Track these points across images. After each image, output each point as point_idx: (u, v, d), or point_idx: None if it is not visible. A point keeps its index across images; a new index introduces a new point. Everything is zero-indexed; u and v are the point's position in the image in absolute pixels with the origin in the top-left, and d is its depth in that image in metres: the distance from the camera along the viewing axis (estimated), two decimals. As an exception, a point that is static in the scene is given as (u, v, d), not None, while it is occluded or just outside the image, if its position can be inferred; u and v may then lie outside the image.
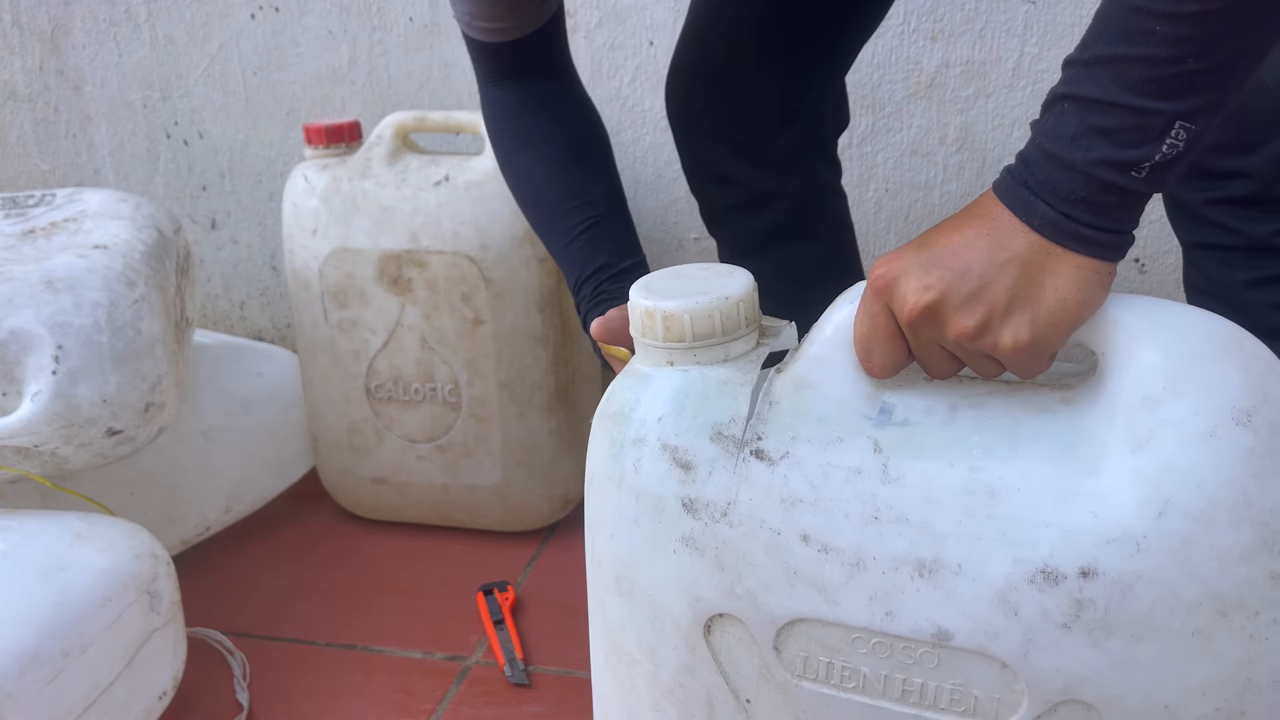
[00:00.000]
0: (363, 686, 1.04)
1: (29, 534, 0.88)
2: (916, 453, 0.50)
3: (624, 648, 0.59)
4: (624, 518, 0.57)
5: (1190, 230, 0.79)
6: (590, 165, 0.86)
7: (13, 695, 0.77)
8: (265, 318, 1.57)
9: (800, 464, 0.51)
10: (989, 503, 0.47)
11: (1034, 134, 0.50)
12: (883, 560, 0.49)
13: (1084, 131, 0.47)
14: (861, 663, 0.51)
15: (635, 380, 0.58)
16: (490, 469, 1.23)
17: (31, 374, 0.92)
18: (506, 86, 0.86)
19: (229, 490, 1.24)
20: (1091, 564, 0.45)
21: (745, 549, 0.52)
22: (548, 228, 0.85)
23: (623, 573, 0.58)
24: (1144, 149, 0.46)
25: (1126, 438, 0.46)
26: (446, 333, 1.19)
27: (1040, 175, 0.48)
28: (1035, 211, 0.48)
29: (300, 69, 1.42)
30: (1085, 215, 0.48)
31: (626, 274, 0.80)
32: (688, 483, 0.54)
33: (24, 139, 1.56)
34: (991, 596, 0.47)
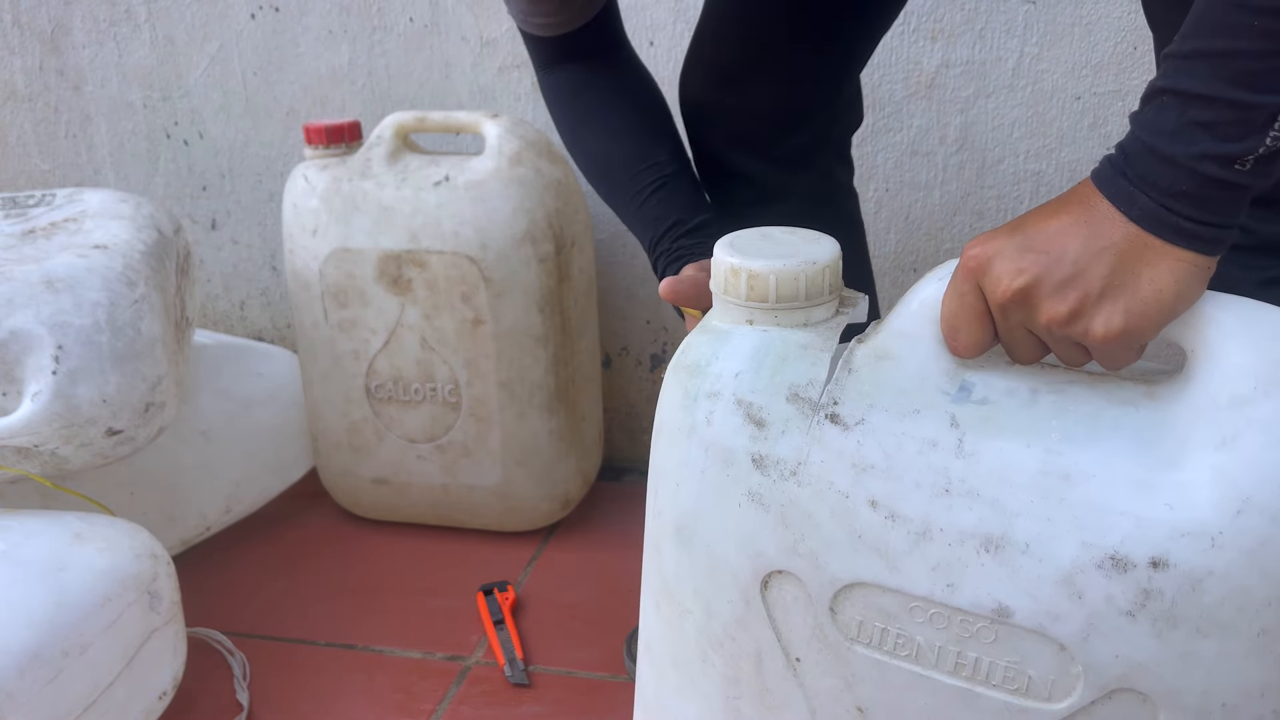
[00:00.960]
0: (363, 686, 1.04)
1: (29, 534, 0.88)
2: (994, 431, 0.50)
3: (678, 596, 0.60)
4: (691, 468, 0.57)
5: None
6: (653, 129, 0.87)
7: (13, 695, 0.77)
8: (265, 318, 1.57)
9: (875, 431, 0.52)
10: (1063, 485, 0.48)
11: (1133, 126, 0.49)
12: (950, 532, 0.50)
13: (1185, 126, 0.47)
14: (917, 632, 0.52)
15: (713, 336, 0.58)
16: (490, 469, 1.23)
17: (31, 374, 0.92)
18: (563, 70, 0.88)
19: (229, 490, 1.24)
20: (1163, 555, 0.45)
21: (811, 509, 0.53)
22: (618, 195, 0.86)
23: (684, 523, 0.58)
24: (1246, 143, 0.46)
25: (1211, 434, 0.46)
26: (446, 333, 1.19)
27: (1140, 169, 0.48)
28: (1135, 203, 0.48)
29: (300, 69, 1.42)
30: (1187, 209, 0.47)
31: (700, 230, 0.80)
32: (760, 439, 0.54)
33: (24, 139, 1.56)
34: (1057, 578, 0.47)
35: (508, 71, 1.34)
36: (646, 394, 1.44)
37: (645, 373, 1.43)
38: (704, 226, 0.81)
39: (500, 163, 1.15)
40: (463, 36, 1.34)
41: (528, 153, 1.16)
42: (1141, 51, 1.16)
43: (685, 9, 1.26)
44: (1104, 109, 1.18)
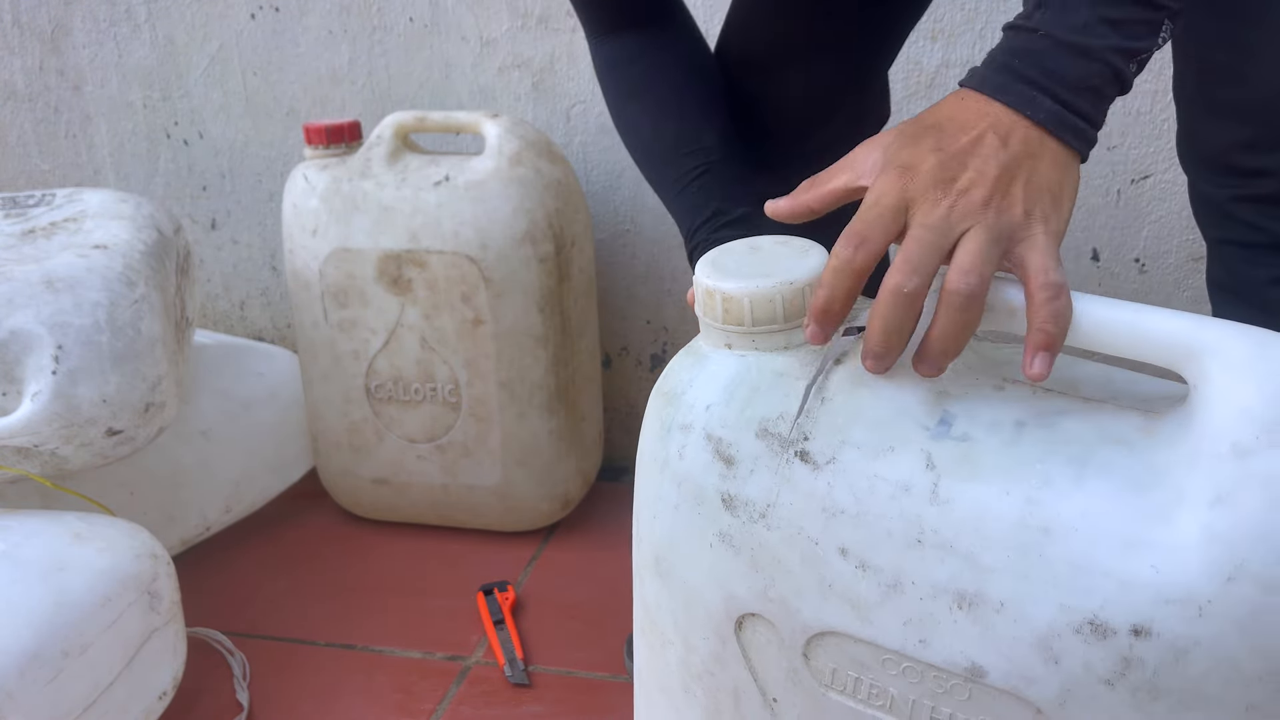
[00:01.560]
0: (363, 686, 1.04)
1: (29, 534, 0.88)
2: (971, 473, 0.47)
3: (659, 626, 0.58)
4: (665, 502, 0.55)
5: (1216, 226, 0.79)
6: (702, 109, 0.84)
7: (13, 695, 0.77)
8: (265, 318, 1.57)
9: (846, 472, 0.49)
10: (1042, 540, 0.44)
11: (1029, 27, 0.51)
12: (922, 586, 0.47)
13: (1096, 21, 0.50)
14: (891, 684, 0.49)
15: (692, 360, 0.56)
16: (490, 469, 1.23)
17: (31, 374, 0.92)
18: (614, 39, 0.85)
19: (229, 490, 1.24)
20: (1146, 622, 0.42)
21: (781, 554, 0.50)
22: (659, 177, 0.83)
23: (661, 555, 0.56)
24: (1144, 41, 0.50)
25: (1206, 488, 0.42)
26: (446, 333, 1.19)
27: (1047, 64, 0.50)
28: (1040, 105, 0.50)
29: (300, 69, 1.42)
30: (1086, 106, 0.50)
31: (742, 221, 0.77)
32: (729, 478, 0.52)
33: (24, 139, 1.56)
34: (1032, 640, 0.44)
35: (508, 71, 1.34)
36: (646, 394, 1.43)
37: (645, 373, 1.43)
38: (747, 219, 0.78)
39: (500, 163, 1.15)
40: (463, 36, 1.34)
41: (528, 153, 1.16)
42: (1141, 51, 1.16)
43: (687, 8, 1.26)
44: (1104, 109, 1.18)
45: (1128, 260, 1.22)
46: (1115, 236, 1.22)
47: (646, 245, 1.37)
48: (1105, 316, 0.46)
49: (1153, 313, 0.45)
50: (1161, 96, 1.16)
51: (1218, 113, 0.73)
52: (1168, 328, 0.45)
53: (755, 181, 0.95)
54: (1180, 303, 1.22)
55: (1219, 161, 0.74)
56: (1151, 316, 0.45)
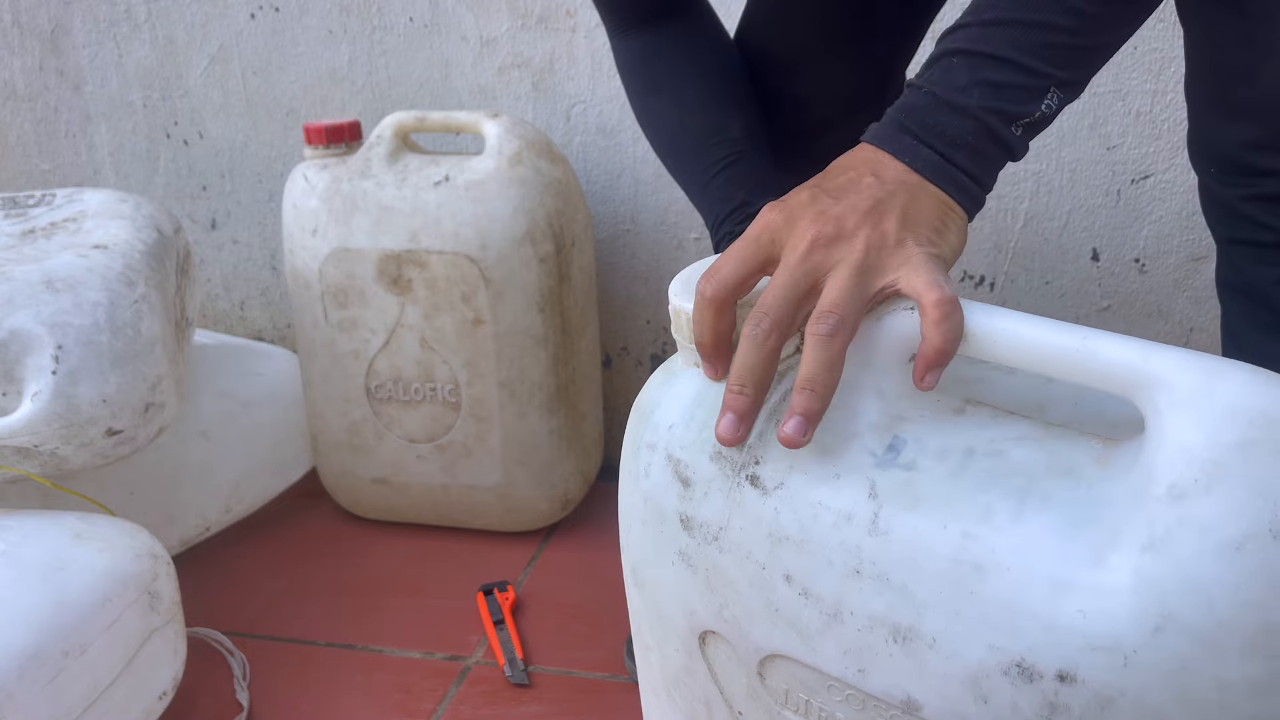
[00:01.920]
0: (363, 686, 1.04)
1: (29, 534, 0.88)
2: (912, 504, 0.46)
3: (642, 634, 0.59)
4: (635, 517, 0.56)
5: (1226, 225, 0.78)
6: (727, 101, 0.83)
7: (12, 695, 0.77)
8: (265, 318, 1.57)
9: (792, 498, 0.49)
10: (974, 578, 0.44)
11: (920, 84, 0.54)
12: (859, 616, 0.47)
13: (976, 83, 0.52)
14: (838, 709, 0.49)
15: (665, 379, 0.56)
16: (490, 469, 1.23)
17: (31, 374, 0.92)
18: (636, 34, 0.84)
19: (229, 490, 1.24)
20: (1071, 669, 0.41)
21: (733, 576, 0.51)
22: (685, 171, 0.83)
23: (635, 566, 0.57)
24: (1026, 106, 0.52)
25: (1141, 530, 0.41)
26: (446, 333, 1.19)
27: (927, 119, 0.53)
28: (919, 155, 0.52)
29: (300, 69, 1.42)
30: (964, 160, 0.52)
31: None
32: (686, 499, 0.52)
33: (24, 139, 1.56)
34: (964, 678, 0.44)
35: (508, 71, 1.34)
36: (646, 394, 1.44)
37: (645, 373, 1.43)
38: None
39: (500, 162, 1.15)
40: (463, 36, 1.34)
41: (528, 152, 1.16)
42: (1141, 51, 1.16)
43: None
44: (1104, 109, 1.18)
45: (1127, 260, 1.22)
46: (1115, 236, 1.22)
47: (646, 245, 1.37)
48: (1055, 342, 0.45)
49: (1103, 338, 0.44)
50: (1161, 96, 1.16)
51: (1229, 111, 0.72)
52: (1118, 356, 0.43)
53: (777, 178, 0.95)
54: (1180, 303, 1.22)
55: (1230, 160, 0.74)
56: (1101, 342, 0.44)
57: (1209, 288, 1.21)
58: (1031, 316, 0.46)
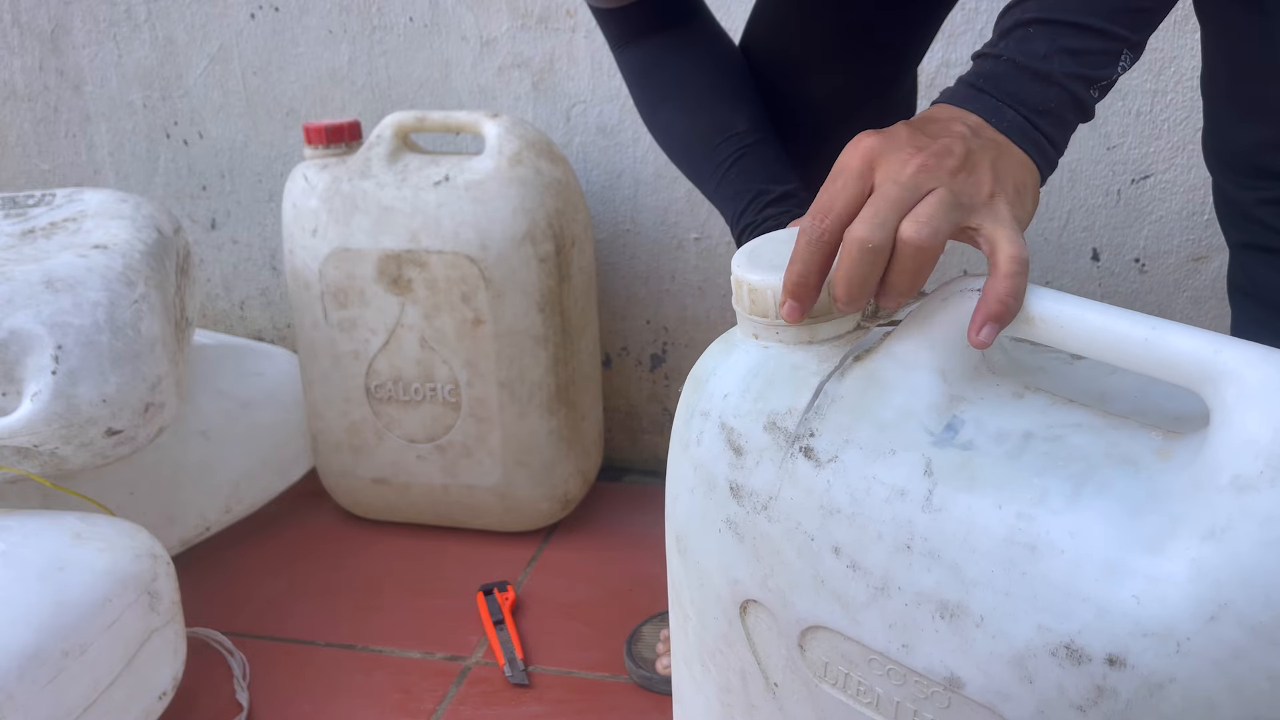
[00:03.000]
0: (363, 686, 1.04)
1: (29, 534, 0.88)
2: (968, 483, 0.46)
3: (681, 602, 0.59)
4: (684, 484, 0.56)
5: (1240, 229, 0.78)
6: (731, 98, 0.84)
7: (12, 695, 0.77)
8: (265, 318, 1.57)
9: (846, 471, 0.49)
10: (1028, 558, 0.43)
11: (994, 54, 0.55)
12: (907, 592, 0.46)
13: (1056, 51, 0.54)
14: (877, 684, 0.49)
15: (721, 348, 0.57)
16: (490, 469, 1.23)
17: (31, 374, 0.92)
18: (636, 46, 0.85)
19: (229, 490, 1.24)
20: (1122, 653, 0.41)
21: (780, 546, 0.51)
22: (699, 174, 0.83)
23: (680, 534, 0.57)
24: (1104, 69, 0.54)
25: (1202, 519, 0.40)
26: (446, 333, 1.19)
27: (1009, 86, 0.54)
28: (1004, 116, 0.53)
29: (300, 69, 1.42)
30: (1047, 126, 0.54)
31: (786, 199, 0.78)
32: (737, 467, 0.52)
33: (24, 139, 1.56)
34: (1009, 657, 0.44)
35: (508, 71, 1.34)
36: (646, 394, 1.44)
37: (645, 373, 1.43)
38: (790, 196, 0.78)
39: (500, 162, 1.15)
40: (463, 36, 1.34)
41: (528, 152, 1.16)
42: (1141, 51, 1.16)
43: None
44: (1104, 109, 1.18)
45: (1127, 260, 1.22)
46: (1115, 236, 1.22)
47: (646, 245, 1.37)
48: (1124, 331, 0.45)
49: (1173, 329, 0.44)
50: (1162, 96, 1.16)
51: (1246, 112, 0.72)
52: (1186, 347, 0.43)
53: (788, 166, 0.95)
54: (1180, 303, 1.22)
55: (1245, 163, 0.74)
56: (1171, 333, 0.44)
57: (1209, 288, 1.20)
58: (1099, 304, 0.46)
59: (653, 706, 1.00)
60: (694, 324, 1.38)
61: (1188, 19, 1.14)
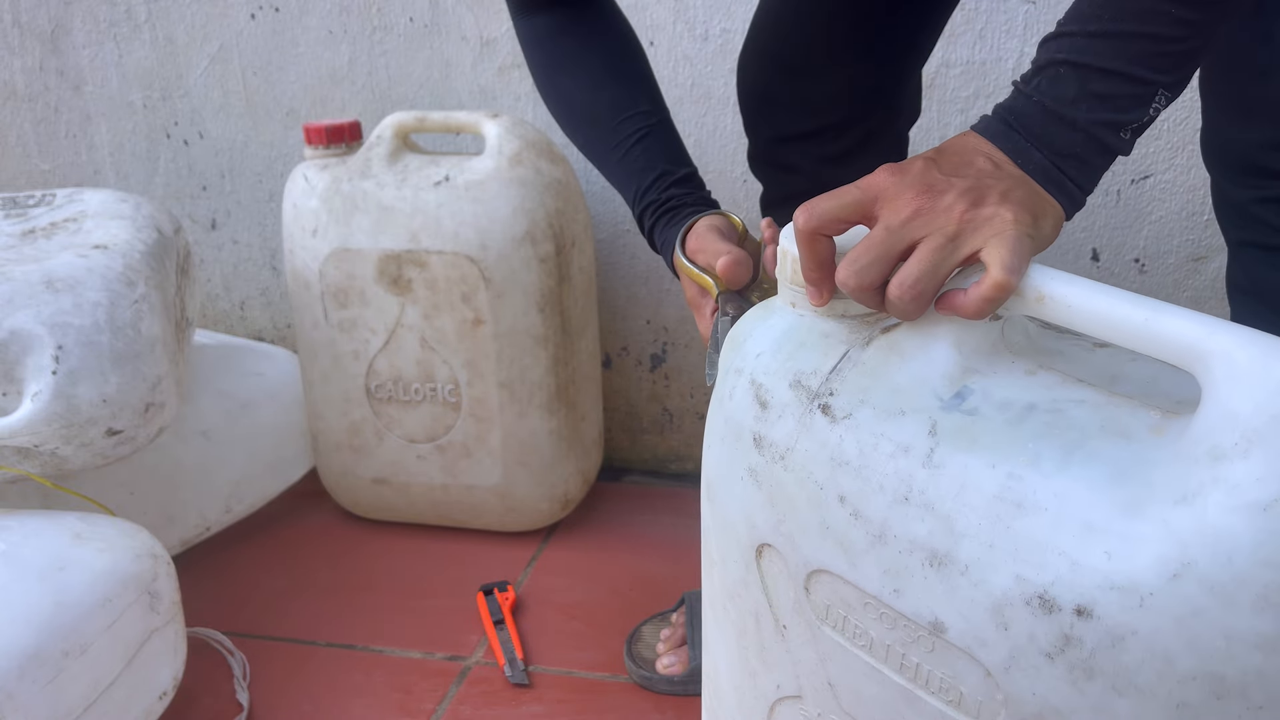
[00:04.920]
0: (363, 686, 1.04)
1: (29, 534, 0.88)
2: (968, 445, 0.49)
3: (709, 548, 0.64)
4: (715, 435, 0.60)
5: (1238, 227, 0.79)
6: (635, 78, 0.85)
7: (13, 695, 0.77)
8: (265, 318, 1.57)
9: (857, 428, 0.52)
10: (1013, 514, 0.46)
11: (1026, 92, 0.55)
12: (901, 540, 0.50)
13: (1084, 96, 0.53)
14: (871, 627, 0.52)
15: (761, 313, 0.61)
16: (490, 469, 1.23)
17: (32, 374, 0.92)
18: (542, 14, 0.85)
19: (229, 490, 1.24)
20: (1089, 604, 0.43)
21: (793, 493, 0.54)
22: (596, 146, 0.84)
23: (710, 482, 0.62)
24: (1134, 113, 0.53)
25: (1176, 486, 0.43)
26: (446, 333, 1.19)
27: (1037, 129, 0.54)
28: (1030, 158, 0.53)
29: (300, 69, 1.42)
30: (1073, 170, 0.53)
31: (687, 180, 0.79)
32: (761, 420, 0.56)
33: (24, 139, 1.56)
34: (988, 605, 0.47)
35: (508, 71, 1.34)
36: (646, 394, 1.44)
37: (645, 373, 1.43)
38: (691, 178, 0.80)
39: (500, 163, 1.15)
40: (463, 36, 1.34)
41: (528, 153, 1.16)
42: (1141, 51, 1.16)
43: (685, 9, 1.27)
44: (1104, 109, 1.18)
45: (1127, 260, 1.22)
46: (1115, 236, 1.22)
47: (646, 245, 1.37)
48: (1126, 311, 0.47)
49: (1171, 311, 0.46)
50: (1161, 96, 1.16)
51: (1245, 111, 0.72)
52: (1183, 328, 0.45)
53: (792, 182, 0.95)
54: (1179, 303, 1.21)
55: (1244, 162, 0.74)
56: (1170, 315, 0.46)
57: (1209, 288, 1.21)
58: (1105, 286, 0.49)
59: (653, 706, 1.00)
60: (694, 324, 1.38)
61: (1187, 19, 1.14)
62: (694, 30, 1.27)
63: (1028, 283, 0.50)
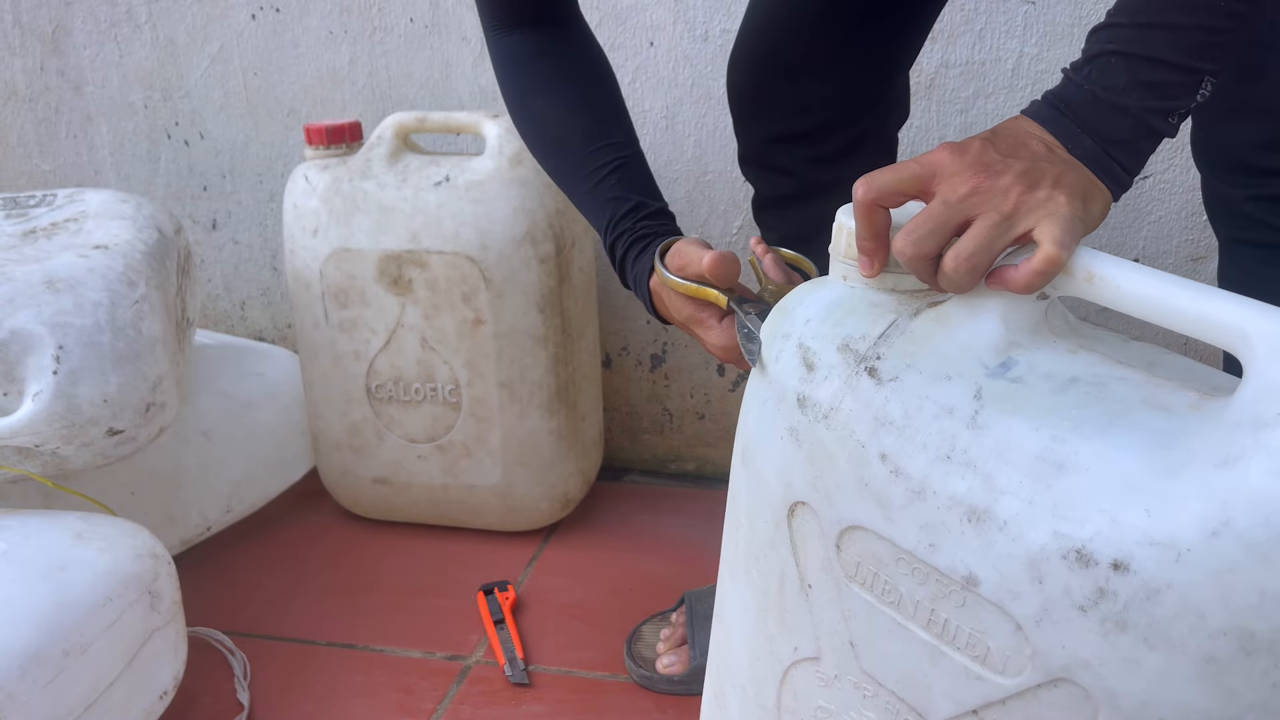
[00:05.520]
0: (363, 686, 1.04)
1: (30, 533, 0.88)
2: (1012, 409, 0.51)
3: (737, 511, 0.66)
4: (757, 398, 0.63)
5: (1230, 225, 0.79)
6: (609, 108, 0.86)
7: (13, 695, 0.78)
8: (266, 318, 1.57)
9: (903, 390, 0.54)
10: (1054, 473, 0.48)
11: (1076, 80, 0.56)
12: (941, 496, 0.51)
13: (1134, 84, 0.55)
14: (901, 583, 0.54)
15: (812, 286, 0.63)
16: (490, 469, 1.24)
17: (32, 374, 0.92)
18: (515, 34, 0.85)
19: (230, 490, 1.25)
20: (1126, 558, 0.45)
21: (834, 451, 0.56)
22: (568, 171, 0.84)
23: (747, 445, 0.64)
24: (1182, 99, 0.55)
25: (1217, 451, 0.45)
26: (447, 333, 1.19)
27: (1088, 116, 0.55)
28: (1081, 143, 0.55)
29: (301, 69, 1.42)
30: (1122, 156, 0.55)
31: (662, 214, 0.80)
32: (807, 381, 0.58)
33: (25, 139, 1.56)
34: (1024, 559, 0.48)
35: (508, 72, 1.34)
36: (646, 394, 1.44)
37: (645, 373, 1.43)
38: (665, 213, 0.81)
39: (500, 163, 1.15)
40: (463, 37, 1.34)
41: (528, 153, 1.16)
42: (1141, 52, 1.16)
43: (685, 9, 1.27)
44: (1103, 109, 1.18)
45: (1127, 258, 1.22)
46: (1115, 236, 1.22)
47: (646, 245, 1.37)
48: (1171, 294, 0.49)
49: (1216, 294, 0.48)
50: (1161, 97, 1.16)
51: (1236, 110, 0.73)
52: (1227, 308, 0.48)
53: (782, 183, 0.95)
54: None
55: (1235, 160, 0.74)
56: (1214, 297, 0.48)
57: (1208, 288, 1.21)
58: (1151, 269, 0.51)
59: (653, 706, 1.00)
60: (694, 324, 1.38)
61: (1187, 19, 1.14)
62: (694, 30, 1.27)
63: (1077, 262, 0.52)
